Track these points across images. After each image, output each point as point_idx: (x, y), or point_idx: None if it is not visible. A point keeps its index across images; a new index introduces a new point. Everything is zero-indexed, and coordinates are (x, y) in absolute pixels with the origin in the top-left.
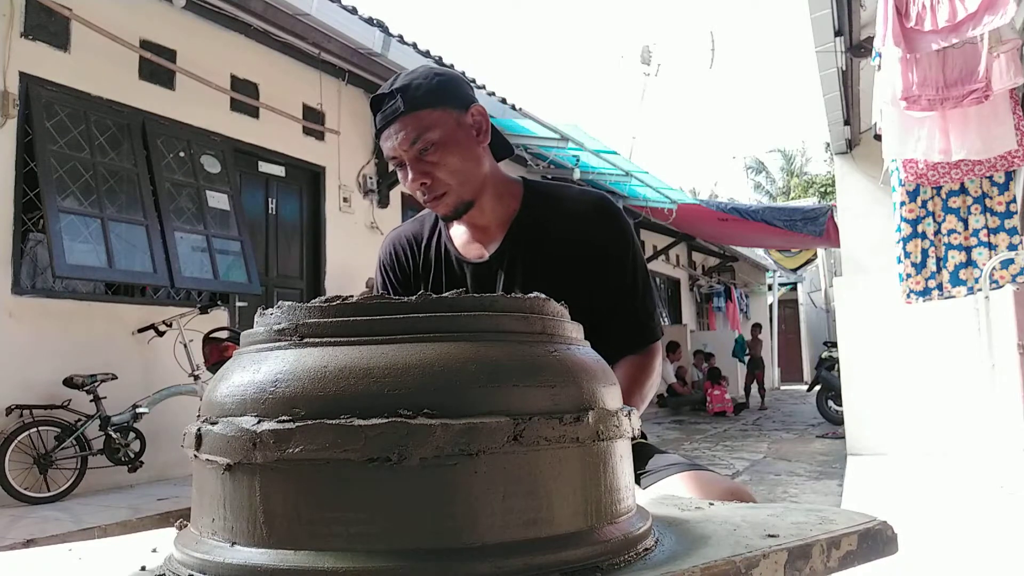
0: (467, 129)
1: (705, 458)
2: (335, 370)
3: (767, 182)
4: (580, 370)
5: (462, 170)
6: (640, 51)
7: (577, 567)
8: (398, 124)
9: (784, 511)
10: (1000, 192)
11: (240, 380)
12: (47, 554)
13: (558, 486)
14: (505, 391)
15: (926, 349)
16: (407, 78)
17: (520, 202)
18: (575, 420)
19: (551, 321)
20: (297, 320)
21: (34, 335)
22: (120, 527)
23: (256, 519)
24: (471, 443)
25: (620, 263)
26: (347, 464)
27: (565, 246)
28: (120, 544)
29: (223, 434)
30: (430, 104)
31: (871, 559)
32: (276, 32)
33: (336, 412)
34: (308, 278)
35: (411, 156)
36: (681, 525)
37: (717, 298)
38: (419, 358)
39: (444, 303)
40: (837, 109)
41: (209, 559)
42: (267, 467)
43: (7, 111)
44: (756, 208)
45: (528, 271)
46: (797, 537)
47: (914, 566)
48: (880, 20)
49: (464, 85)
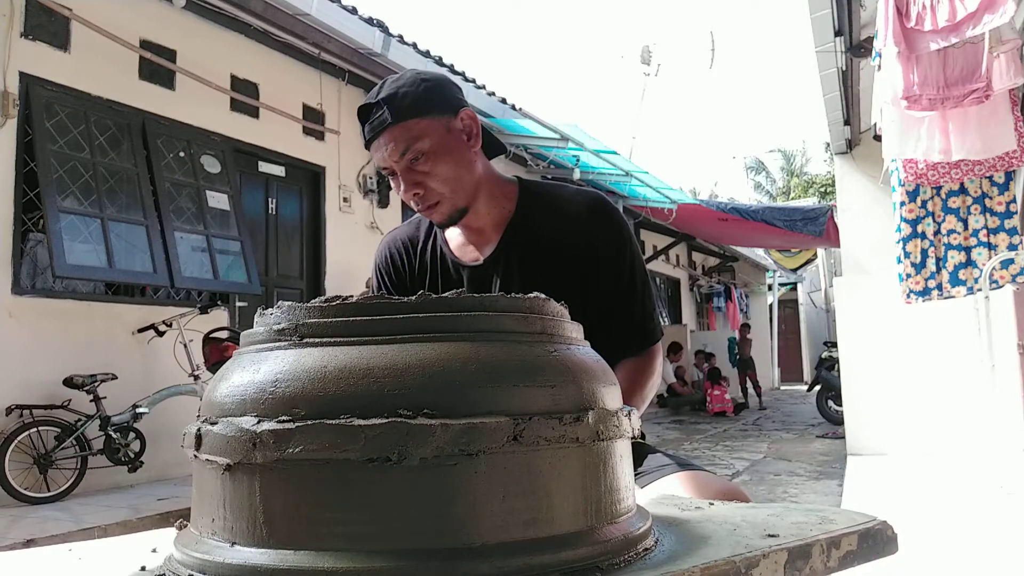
0: (457, 135)
1: (705, 458)
2: (335, 370)
3: (767, 182)
4: (580, 370)
5: (454, 177)
6: (640, 51)
7: (577, 567)
8: (386, 135)
9: (784, 511)
10: (1000, 192)
11: (240, 380)
12: (47, 554)
13: (558, 486)
14: (505, 391)
15: (926, 349)
16: (393, 86)
17: (515, 203)
18: (575, 420)
19: (551, 321)
20: (297, 320)
21: (34, 335)
22: (120, 527)
23: (256, 519)
24: (471, 443)
25: (617, 263)
26: (347, 464)
27: (561, 247)
28: (120, 544)
29: (223, 434)
30: (418, 113)
31: (871, 559)
32: (276, 32)
33: (336, 412)
34: (308, 278)
35: (402, 166)
36: (681, 525)
37: (717, 298)
38: (419, 358)
39: (444, 303)
40: (837, 109)
41: (209, 559)
42: (267, 467)
43: (7, 111)
44: (756, 208)
45: (524, 273)
46: (797, 537)
47: (914, 566)
48: (880, 20)
49: (452, 89)
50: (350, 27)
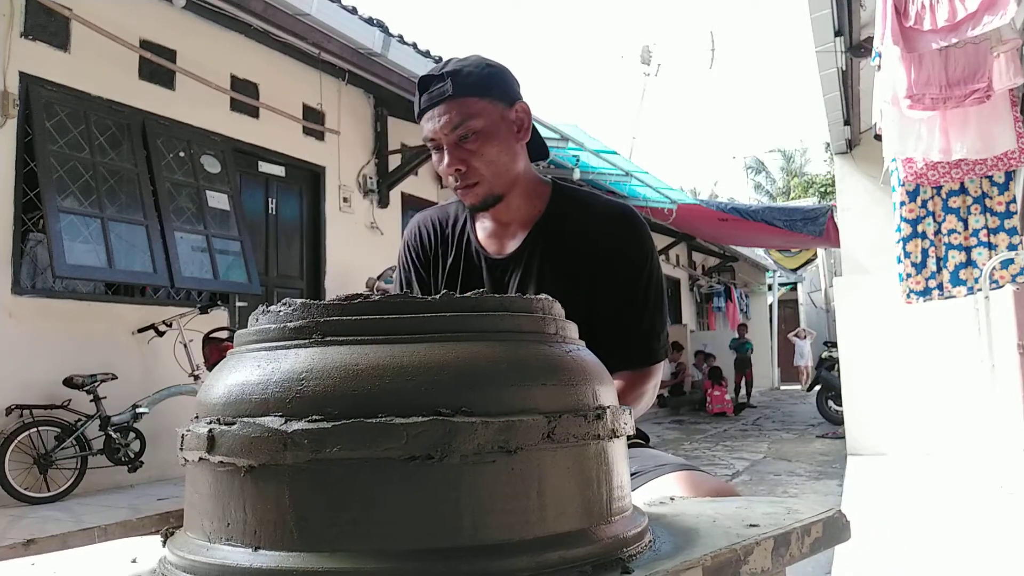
0: (509, 124)
1: (705, 458)
2: (368, 368)
3: (767, 182)
4: (591, 370)
5: (498, 163)
6: (640, 51)
7: (605, 559)
8: (443, 107)
9: (748, 503)
10: (1000, 192)
11: (256, 379)
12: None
13: (582, 482)
14: (536, 390)
15: (926, 349)
16: (459, 64)
17: (547, 204)
18: (597, 417)
19: (562, 323)
20: (317, 318)
21: (34, 335)
22: (120, 527)
23: (285, 522)
24: (510, 440)
25: (634, 275)
26: (386, 463)
27: (583, 252)
28: (90, 556)
29: (245, 435)
30: (478, 93)
31: (832, 545)
32: (276, 32)
33: (372, 411)
34: (308, 278)
35: (451, 141)
36: (660, 520)
37: (717, 298)
38: (452, 357)
39: (468, 303)
40: (837, 109)
41: (230, 564)
42: (298, 468)
43: (7, 111)
44: (756, 208)
45: (543, 273)
46: (775, 526)
47: (914, 566)
48: (879, 18)
49: (513, 81)
50: (350, 27)
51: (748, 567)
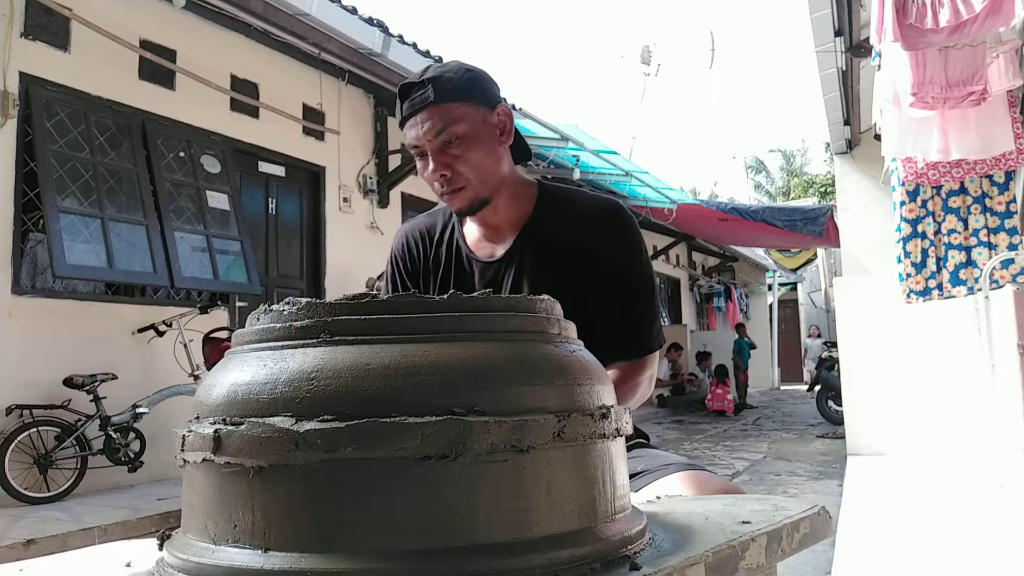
0: (492, 128)
1: (705, 458)
2: (379, 368)
3: (767, 182)
4: (594, 370)
5: (482, 167)
6: (640, 51)
7: (614, 557)
8: (425, 113)
9: (735, 501)
10: (1000, 192)
11: (262, 378)
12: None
13: (588, 480)
14: (545, 389)
15: (926, 349)
16: (438, 70)
17: (533, 205)
18: (602, 417)
19: (564, 323)
20: (324, 317)
21: (34, 335)
22: (120, 527)
23: (296, 523)
24: (522, 439)
25: (623, 268)
26: (400, 463)
27: (573, 250)
28: (79, 560)
29: (254, 435)
30: (459, 98)
31: (817, 541)
32: (276, 32)
33: (385, 410)
34: (308, 278)
35: (434, 147)
36: (653, 518)
37: (717, 298)
38: (463, 357)
39: (477, 303)
40: (837, 109)
41: (239, 566)
42: (309, 468)
43: (7, 111)
44: (756, 208)
45: (535, 273)
46: (767, 523)
47: (914, 566)
48: (875, 15)
49: (493, 84)
50: (350, 27)
51: (745, 563)
